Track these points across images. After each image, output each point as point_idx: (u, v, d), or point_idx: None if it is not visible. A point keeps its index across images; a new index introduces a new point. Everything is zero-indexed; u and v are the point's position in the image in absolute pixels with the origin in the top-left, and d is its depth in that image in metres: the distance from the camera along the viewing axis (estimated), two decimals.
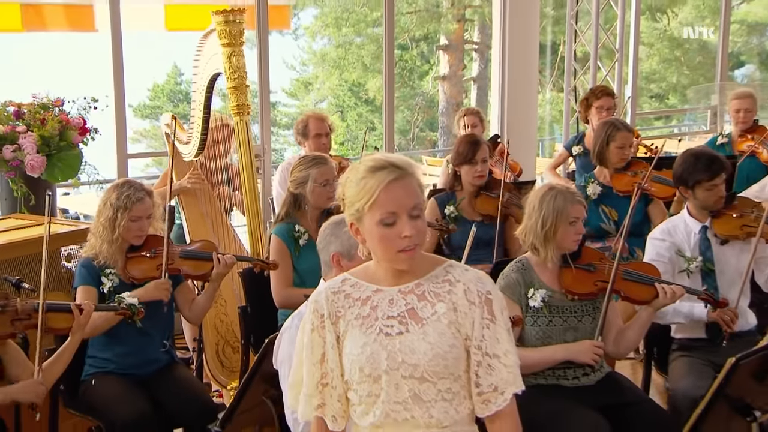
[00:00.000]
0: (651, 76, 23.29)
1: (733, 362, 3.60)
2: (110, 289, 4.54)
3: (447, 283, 2.69)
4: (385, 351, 2.65)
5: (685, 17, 22.64)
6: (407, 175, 2.62)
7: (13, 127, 5.81)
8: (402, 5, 20.99)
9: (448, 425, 2.67)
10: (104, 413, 4.43)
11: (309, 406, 2.77)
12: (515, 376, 2.68)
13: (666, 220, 5.32)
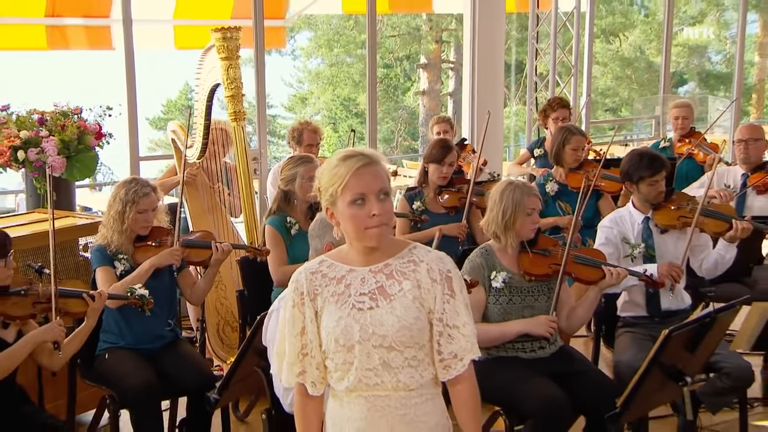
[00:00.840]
0: (606, 92, 23.38)
1: (666, 334, 3.60)
2: (122, 272, 4.55)
3: (412, 263, 2.69)
4: (358, 324, 2.65)
5: (635, 40, 22.73)
6: (374, 163, 2.65)
7: (37, 133, 5.81)
8: (387, 30, 21.03)
9: (414, 388, 2.68)
10: (116, 383, 4.43)
11: (291, 373, 2.76)
12: (472, 344, 2.70)
13: (614, 211, 5.31)
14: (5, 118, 5.96)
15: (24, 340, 3.87)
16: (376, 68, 8.98)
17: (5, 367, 3.80)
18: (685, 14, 23.48)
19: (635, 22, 23.12)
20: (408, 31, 21.30)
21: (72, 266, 5.28)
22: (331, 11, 13.08)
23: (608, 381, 4.36)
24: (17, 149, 5.76)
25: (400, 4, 10.83)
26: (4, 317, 3.91)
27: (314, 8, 10.83)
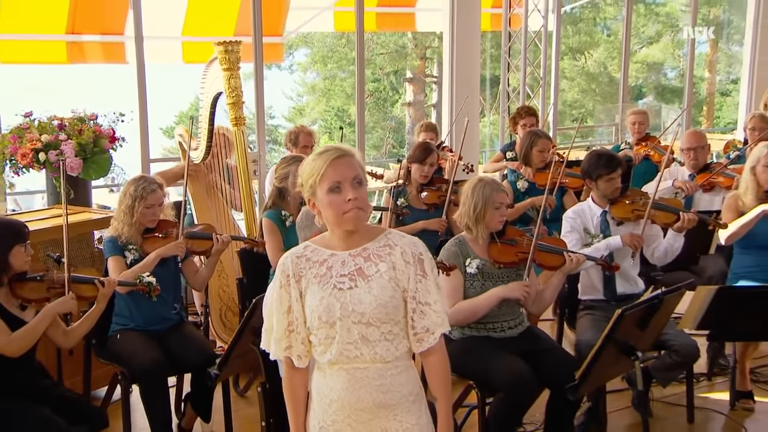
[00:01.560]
0: (573, 104, 23.42)
1: (619, 313, 3.61)
2: (132, 261, 4.54)
3: (387, 246, 2.69)
4: (339, 302, 2.64)
5: (598, 57, 22.80)
6: (348, 155, 2.66)
7: (56, 137, 5.83)
8: (377, 48, 21.07)
9: (390, 360, 2.66)
10: (127, 361, 4.42)
11: (279, 348, 2.76)
12: (443, 319, 2.69)
13: (576, 204, 5.33)
14: (28, 123, 5.97)
15: (42, 314, 3.87)
16: (364, 81, 8.99)
17: (27, 341, 3.78)
18: (644, 35, 23.56)
19: (599, 42, 23.18)
20: (395, 48, 21.36)
21: (88, 256, 5.27)
22: (325, 29, 13.04)
23: (569, 357, 4.36)
24: (39, 151, 5.78)
25: (386, 23, 10.81)
26: (22, 300, 3.91)
27: (309, 26, 10.82)
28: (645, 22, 23.38)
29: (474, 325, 4.35)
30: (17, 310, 3.89)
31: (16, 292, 3.88)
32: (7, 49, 7.54)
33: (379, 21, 10.02)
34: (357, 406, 2.66)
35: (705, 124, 22.93)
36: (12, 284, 3.87)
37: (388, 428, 2.67)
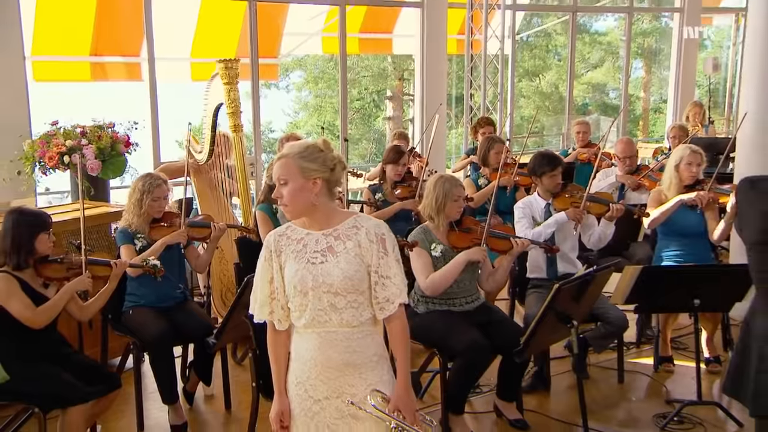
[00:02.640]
0: (528, 119, 23.44)
1: (557, 287, 3.61)
2: (140, 248, 4.51)
3: (355, 228, 2.67)
4: (311, 274, 2.62)
5: (550, 79, 22.86)
6: (282, 157, 2.66)
7: (78, 142, 5.82)
8: (362, 71, 21.09)
9: (356, 326, 2.65)
10: (138, 333, 4.42)
11: (262, 312, 2.75)
12: (401, 291, 2.67)
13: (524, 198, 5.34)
14: (54, 131, 5.97)
15: (62, 291, 3.85)
16: (347, 95, 8.99)
17: (48, 315, 3.76)
18: (589, 60, 23.64)
19: (551, 65, 23.22)
20: (377, 71, 21.37)
21: (105, 244, 5.22)
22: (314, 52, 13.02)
23: (517, 327, 4.36)
24: (63, 155, 5.78)
25: (367, 47, 10.82)
26: (45, 279, 3.88)
27: (300, 49, 10.81)
28: (590, 49, 23.45)
29: (437, 300, 4.34)
30: (41, 287, 3.86)
31: (40, 272, 3.86)
32: (39, 68, 7.47)
33: (361, 45, 10.01)
34: (327, 364, 2.65)
35: (641, 135, 23.00)
36: (36, 265, 3.84)
37: (355, 384, 2.66)
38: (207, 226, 4.77)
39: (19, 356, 3.67)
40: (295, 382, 2.71)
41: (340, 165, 2.69)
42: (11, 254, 3.75)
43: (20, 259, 3.76)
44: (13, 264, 3.76)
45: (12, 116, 6.35)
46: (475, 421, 4.52)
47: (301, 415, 2.70)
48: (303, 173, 2.61)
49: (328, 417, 2.67)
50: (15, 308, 3.68)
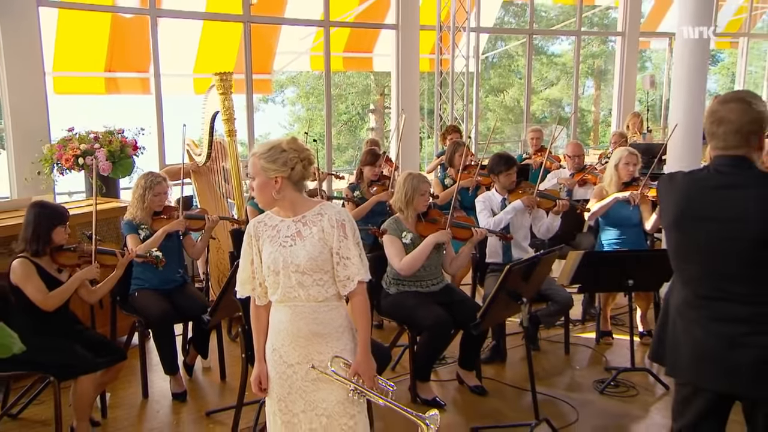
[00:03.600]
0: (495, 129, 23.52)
1: (507, 268, 3.62)
2: (144, 237, 4.49)
3: (319, 215, 2.66)
4: (282, 256, 2.62)
5: (513, 94, 22.93)
6: (252, 156, 2.65)
7: (92, 146, 5.80)
8: (349, 88, 21.04)
9: (322, 300, 2.64)
10: (143, 312, 4.41)
11: (244, 289, 2.76)
12: (359, 270, 2.64)
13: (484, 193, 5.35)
14: (71, 136, 5.93)
15: (72, 279, 3.83)
16: (331, 105, 8.98)
17: (59, 299, 3.74)
18: (547, 79, 23.73)
19: (513, 83, 23.28)
20: (362, 87, 21.35)
21: (114, 235, 5.20)
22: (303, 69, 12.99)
23: (476, 305, 4.35)
24: (78, 157, 5.74)
25: (351, 64, 10.80)
26: (59, 265, 3.86)
27: (291, 66, 10.76)
28: (548, 69, 23.52)
29: (407, 282, 4.35)
30: (55, 272, 3.83)
31: (55, 259, 3.83)
32: (59, 82, 7.43)
33: (345, 63, 9.98)
34: (298, 334, 2.64)
35: (592, 144, 23.12)
36: (52, 253, 3.82)
37: (322, 351, 2.65)
38: (202, 218, 4.76)
39: (35, 331, 3.64)
40: (272, 349, 2.71)
41: (302, 163, 2.65)
42: (31, 242, 3.73)
43: (38, 247, 3.74)
44: (31, 251, 3.73)
45: (33, 123, 6.29)
46: (440, 387, 4.54)
47: (276, 377, 2.69)
48: (265, 173, 2.62)
49: (299, 380, 2.67)
50: (30, 291, 3.66)
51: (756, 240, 2.29)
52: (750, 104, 2.37)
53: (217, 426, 4.05)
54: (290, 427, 2.70)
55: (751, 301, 2.33)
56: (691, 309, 2.46)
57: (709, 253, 2.39)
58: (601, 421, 4.08)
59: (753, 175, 2.36)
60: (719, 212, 2.36)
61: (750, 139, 2.37)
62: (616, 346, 5.15)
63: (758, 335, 2.31)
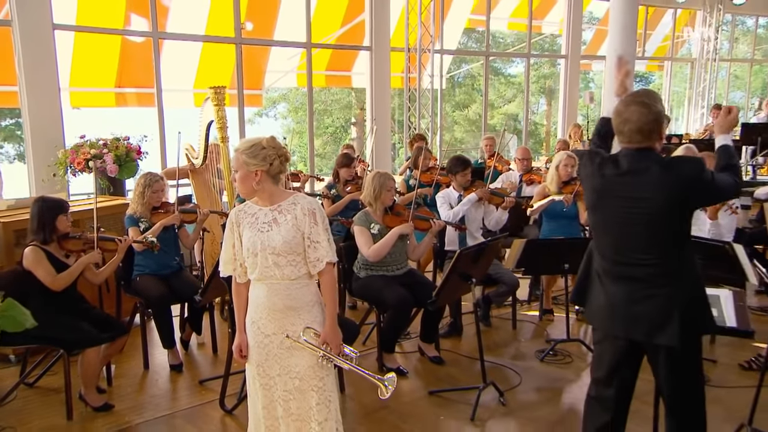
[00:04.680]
0: (460, 139, 23.59)
1: (458, 252, 3.65)
2: (144, 229, 4.44)
3: (293, 204, 2.65)
4: (260, 240, 2.61)
5: (476, 109, 23.02)
6: (236, 152, 2.64)
7: (101, 150, 5.74)
8: (333, 103, 21.02)
9: (294, 279, 2.63)
10: (144, 294, 4.37)
11: (226, 269, 2.74)
12: (328, 252, 2.64)
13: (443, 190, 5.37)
14: (82, 143, 5.87)
15: (78, 263, 3.80)
16: (313, 119, 9.00)
17: (65, 281, 3.72)
18: (505, 97, 23.89)
19: (476, 99, 23.41)
20: (345, 103, 21.34)
21: (119, 228, 5.13)
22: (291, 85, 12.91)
23: (435, 287, 4.36)
24: (89, 161, 5.69)
25: (332, 81, 10.73)
26: (66, 251, 3.83)
27: (280, 83, 10.70)
28: (505, 88, 23.69)
29: (375, 267, 4.35)
30: (63, 257, 3.80)
31: (62, 246, 3.81)
32: (75, 97, 7.36)
33: (327, 80, 9.95)
34: (273, 308, 2.64)
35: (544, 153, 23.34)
36: (59, 240, 3.79)
37: (295, 323, 2.64)
38: (194, 212, 4.73)
39: (46, 309, 3.60)
40: (251, 321, 2.70)
41: (279, 159, 2.64)
42: (38, 231, 3.71)
43: (46, 235, 3.71)
44: (40, 239, 3.71)
45: (49, 132, 6.24)
46: (404, 358, 4.55)
47: (255, 346, 2.69)
48: (246, 167, 2.61)
49: (275, 348, 2.66)
50: (40, 274, 3.64)
51: (655, 214, 2.43)
52: (649, 107, 2.44)
53: (208, 392, 4.03)
54: (267, 389, 2.70)
55: (647, 264, 2.46)
56: (604, 271, 2.59)
57: (618, 226, 2.52)
58: (540, 384, 4.13)
59: (654, 162, 2.45)
60: (627, 193, 2.47)
61: (651, 135, 2.46)
62: (556, 321, 5.20)
63: (652, 290, 2.45)
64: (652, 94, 2.50)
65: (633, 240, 2.47)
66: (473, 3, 10.39)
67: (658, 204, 2.41)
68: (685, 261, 2.47)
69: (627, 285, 2.50)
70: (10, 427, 3.58)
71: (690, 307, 2.43)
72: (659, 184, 2.40)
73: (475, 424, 3.60)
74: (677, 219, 2.44)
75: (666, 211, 2.41)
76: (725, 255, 3.81)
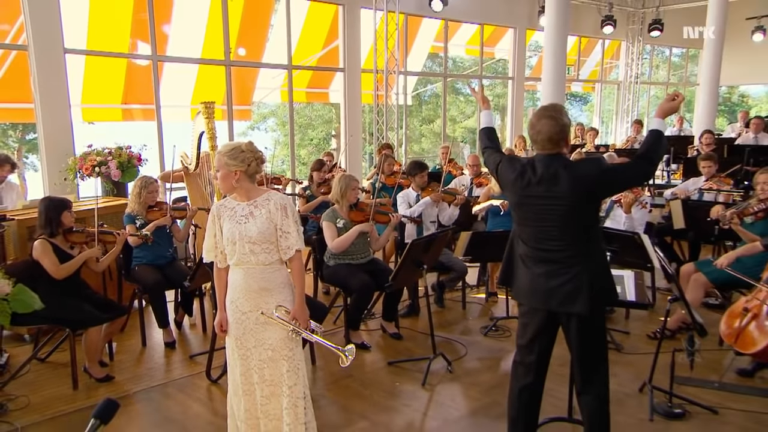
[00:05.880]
0: (428, 150, 23.68)
1: (411, 242, 3.70)
2: (140, 225, 4.43)
3: (267, 200, 2.67)
4: (238, 230, 2.62)
5: (439, 123, 23.07)
6: (218, 154, 2.65)
7: (106, 158, 5.66)
8: (318, 118, 20.93)
9: (268, 264, 2.65)
10: (141, 282, 4.35)
11: (209, 255, 2.74)
12: (297, 241, 2.66)
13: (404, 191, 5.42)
14: (90, 151, 5.81)
15: (80, 256, 3.79)
16: (294, 131, 9.03)
17: (67, 271, 3.70)
18: (465, 113, 24.06)
19: (440, 114, 23.51)
20: (327, 118, 21.29)
21: (121, 225, 5.08)
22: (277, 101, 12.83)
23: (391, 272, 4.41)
24: (95, 166, 5.63)
25: (312, 97, 10.71)
26: (71, 243, 3.81)
27: (267, 98, 10.68)
28: (465, 106, 23.86)
29: (341, 256, 4.38)
30: (68, 249, 3.78)
31: (67, 238, 3.79)
32: (87, 112, 7.28)
33: (308, 96, 9.94)
34: (249, 289, 2.66)
35: None
36: (65, 233, 3.78)
37: (268, 302, 2.66)
38: (184, 209, 4.71)
39: (52, 294, 3.60)
40: (230, 300, 2.72)
41: (255, 161, 2.65)
42: (46, 226, 3.70)
43: (53, 229, 3.70)
44: (48, 233, 3.69)
45: (61, 143, 6.17)
46: (368, 334, 4.60)
47: (234, 322, 2.71)
48: (227, 167, 2.62)
49: (251, 323, 2.69)
50: (46, 264, 3.63)
51: (566, 208, 2.50)
52: (556, 119, 2.52)
53: (197, 365, 4.04)
54: (245, 359, 2.72)
55: (561, 249, 2.54)
56: (527, 256, 2.65)
57: (537, 219, 2.58)
58: (483, 354, 4.20)
59: (561, 165, 2.53)
60: (543, 193, 2.53)
61: (559, 143, 2.54)
62: (500, 302, 5.27)
63: (565, 269, 2.53)
64: (558, 109, 2.58)
65: (549, 230, 2.55)
66: (436, 31, 10.48)
67: (568, 201, 2.48)
68: (592, 245, 2.55)
69: (545, 266, 2.57)
70: (24, 395, 3.57)
71: (596, 282, 2.52)
72: (567, 184, 2.48)
73: (426, 389, 3.66)
74: (585, 211, 2.52)
75: (575, 205, 2.49)
76: (635, 243, 3.93)
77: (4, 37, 6.20)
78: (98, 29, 6.95)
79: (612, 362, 3.77)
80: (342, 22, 8.73)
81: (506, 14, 10.82)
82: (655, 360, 3.33)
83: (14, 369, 3.91)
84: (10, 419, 3.30)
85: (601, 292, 2.53)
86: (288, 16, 8.29)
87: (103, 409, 1.41)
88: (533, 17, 11.15)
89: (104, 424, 1.40)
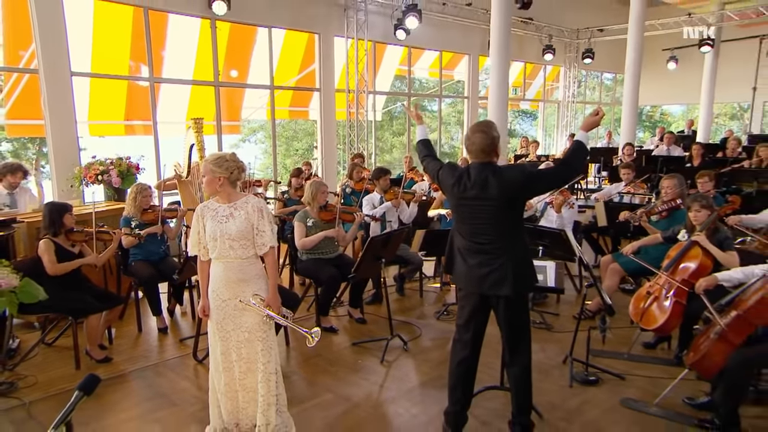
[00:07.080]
0: (400, 159, 23.73)
1: (370, 239, 3.75)
2: (135, 226, 4.40)
3: (246, 203, 2.68)
4: (219, 229, 2.64)
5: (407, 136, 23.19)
6: (204, 161, 2.67)
7: (107, 167, 5.60)
8: (300, 132, 20.79)
9: (246, 258, 2.66)
10: (137, 275, 4.33)
11: (193, 250, 2.74)
12: (270, 239, 2.68)
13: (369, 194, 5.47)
14: (93, 161, 5.75)
15: (76, 261, 3.75)
16: (276, 144, 9.05)
17: (64, 269, 3.68)
18: (431, 127, 24.18)
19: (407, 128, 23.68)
20: (310, 131, 21.23)
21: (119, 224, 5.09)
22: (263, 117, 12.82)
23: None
24: (98, 175, 5.57)
25: (294, 114, 10.65)
26: (72, 241, 3.79)
27: (255, 115, 10.61)
28: (431, 121, 23.99)
29: (313, 252, 4.39)
30: (69, 247, 3.77)
31: (69, 237, 3.77)
32: (93, 128, 7.18)
33: (291, 113, 9.93)
34: (228, 280, 2.67)
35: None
36: (67, 233, 3.76)
37: (245, 291, 2.68)
38: (174, 210, 4.68)
39: (55, 287, 3.58)
40: (211, 289, 2.73)
41: (237, 170, 2.67)
42: (49, 227, 3.68)
43: (56, 230, 3.68)
44: (51, 233, 3.67)
45: (68, 155, 6.10)
46: (337, 320, 4.62)
47: (215, 308, 2.72)
48: (212, 173, 2.65)
49: (230, 309, 2.70)
50: (45, 260, 3.61)
51: (495, 208, 2.59)
52: (487, 133, 2.62)
53: (186, 348, 4.05)
54: (224, 340, 2.74)
55: (490, 242, 2.63)
56: (464, 248, 2.72)
57: (472, 217, 2.66)
58: (435, 335, 4.27)
59: (491, 172, 2.61)
60: (477, 194, 2.62)
61: (490, 153, 2.63)
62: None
63: (495, 259, 2.62)
64: (490, 124, 2.67)
65: (481, 227, 2.63)
66: (401, 56, 10.58)
67: (497, 202, 2.57)
68: (517, 238, 2.64)
69: (479, 257, 2.65)
70: (32, 375, 3.55)
71: (519, 270, 2.61)
72: (496, 188, 2.57)
73: (384, 365, 3.72)
74: (511, 210, 2.61)
75: (503, 206, 2.58)
76: (561, 239, 4.07)
77: (19, 61, 6.12)
78: (101, 53, 6.87)
79: (543, 340, 3.97)
80: (317, 48, 8.77)
81: (462, 42, 10.99)
82: (575, 337, 3.47)
83: (24, 352, 3.88)
84: (19, 395, 3.29)
85: (523, 278, 2.64)
86: (270, 42, 8.30)
87: (86, 383, 1.46)
88: (485, 45, 11.33)
89: (87, 395, 1.44)
